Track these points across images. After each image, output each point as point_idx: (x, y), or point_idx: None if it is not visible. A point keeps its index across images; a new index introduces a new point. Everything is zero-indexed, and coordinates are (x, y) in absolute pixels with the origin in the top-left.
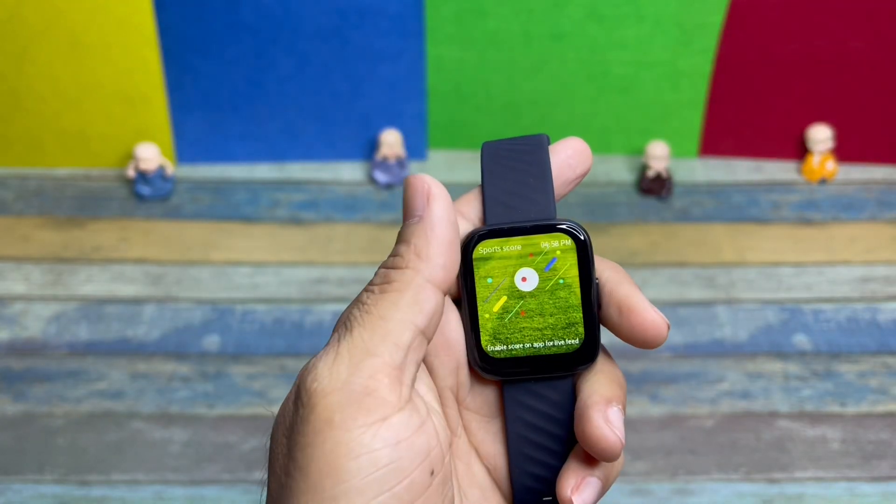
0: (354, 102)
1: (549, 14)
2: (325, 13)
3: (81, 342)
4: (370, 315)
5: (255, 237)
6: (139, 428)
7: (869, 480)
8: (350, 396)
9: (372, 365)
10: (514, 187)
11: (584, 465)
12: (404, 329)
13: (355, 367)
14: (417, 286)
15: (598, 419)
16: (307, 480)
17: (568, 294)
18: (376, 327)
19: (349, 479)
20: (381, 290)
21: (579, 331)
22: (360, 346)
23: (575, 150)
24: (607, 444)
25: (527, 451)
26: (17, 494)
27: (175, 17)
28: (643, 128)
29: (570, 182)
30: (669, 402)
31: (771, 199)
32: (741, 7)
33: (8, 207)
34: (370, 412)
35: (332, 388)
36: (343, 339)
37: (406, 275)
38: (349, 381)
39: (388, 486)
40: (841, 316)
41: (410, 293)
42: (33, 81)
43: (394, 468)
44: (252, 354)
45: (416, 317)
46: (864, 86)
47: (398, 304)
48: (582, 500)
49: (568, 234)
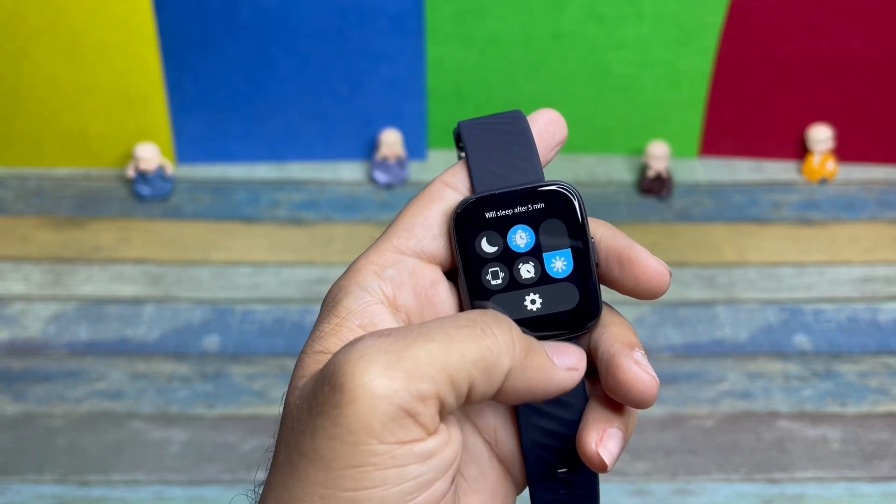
0: (354, 102)
1: (549, 14)
2: (325, 13)
3: (81, 342)
4: (439, 333)
5: (254, 237)
6: (139, 428)
7: (869, 480)
8: (397, 411)
9: (424, 390)
10: (500, 156)
11: (603, 418)
12: (463, 382)
13: (409, 383)
14: (499, 363)
15: (629, 364)
16: (327, 473)
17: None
18: (438, 353)
19: (373, 487)
20: (470, 321)
21: (579, 289)
22: (420, 360)
23: (550, 117)
24: (644, 387)
25: (535, 422)
26: (17, 495)
27: (175, 17)
28: (643, 128)
29: (552, 148)
30: (669, 402)
31: (771, 199)
32: (741, 7)
33: (8, 207)
34: (409, 432)
35: (382, 394)
36: (411, 335)
37: (502, 343)
38: (400, 394)
39: (411, 497)
40: (841, 316)
41: (490, 359)
42: (33, 81)
43: (420, 482)
44: (252, 354)
45: (479, 382)
46: (864, 86)
47: (472, 354)
48: (608, 451)
49: (560, 194)
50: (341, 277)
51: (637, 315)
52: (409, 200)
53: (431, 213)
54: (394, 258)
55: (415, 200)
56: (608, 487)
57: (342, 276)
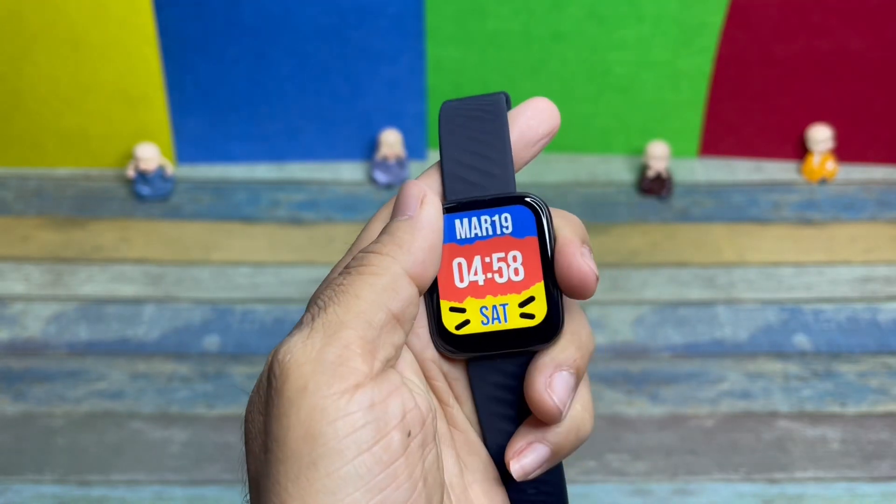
0: (354, 102)
1: (549, 14)
2: (325, 13)
3: (81, 342)
4: (345, 294)
5: (255, 237)
6: (139, 428)
7: (869, 480)
8: (324, 365)
9: (346, 336)
10: (473, 160)
11: (532, 431)
12: (377, 310)
13: (329, 339)
14: (395, 274)
15: (539, 384)
16: (285, 449)
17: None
18: (350, 304)
19: (327, 442)
20: (357, 272)
21: (540, 306)
22: (333, 321)
23: (536, 109)
24: (544, 409)
25: (497, 425)
26: (17, 495)
27: (175, 17)
28: (643, 128)
29: (534, 143)
30: (669, 402)
31: (771, 199)
32: (741, 7)
33: (8, 207)
34: (344, 379)
35: (306, 359)
36: (317, 315)
37: (385, 261)
38: (323, 351)
39: (366, 446)
40: (841, 316)
41: (387, 278)
42: (33, 81)
43: (370, 428)
44: (252, 354)
45: (390, 301)
46: (864, 86)
47: (374, 286)
48: (521, 465)
49: (526, 207)
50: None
51: (637, 315)
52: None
53: None
54: None
55: (387, 206)
56: (607, 487)
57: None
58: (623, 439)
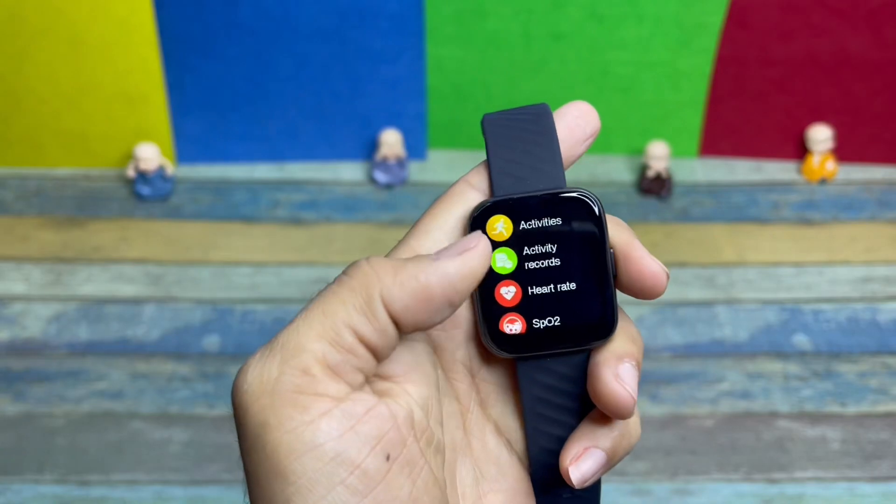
0: (354, 102)
1: (549, 14)
2: (324, 13)
3: (81, 342)
4: (315, 309)
5: (255, 237)
6: (139, 428)
7: (869, 480)
8: (282, 396)
9: (303, 361)
10: (521, 157)
11: (589, 436)
12: (344, 331)
13: (286, 365)
14: (371, 297)
15: (607, 376)
16: (259, 487)
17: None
18: (315, 322)
19: (297, 480)
20: (337, 283)
21: (595, 302)
22: (293, 341)
23: (581, 111)
24: (617, 400)
25: (543, 428)
26: (17, 494)
27: (175, 17)
28: (643, 128)
29: (581, 142)
30: (669, 402)
31: (771, 199)
32: (741, 7)
33: (8, 207)
34: (306, 410)
35: (262, 391)
36: (281, 332)
37: (366, 277)
38: (279, 381)
39: (338, 479)
40: (841, 316)
41: (361, 299)
42: (33, 81)
43: (341, 460)
44: (252, 354)
45: (360, 325)
46: (864, 86)
47: (346, 304)
48: (580, 471)
49: (580, 202)
50: None
51: (637, 315)
52: (434, 201)
53: (451, 216)
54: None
55: (438, 201)
56: (607, 488)
57: None
58: None
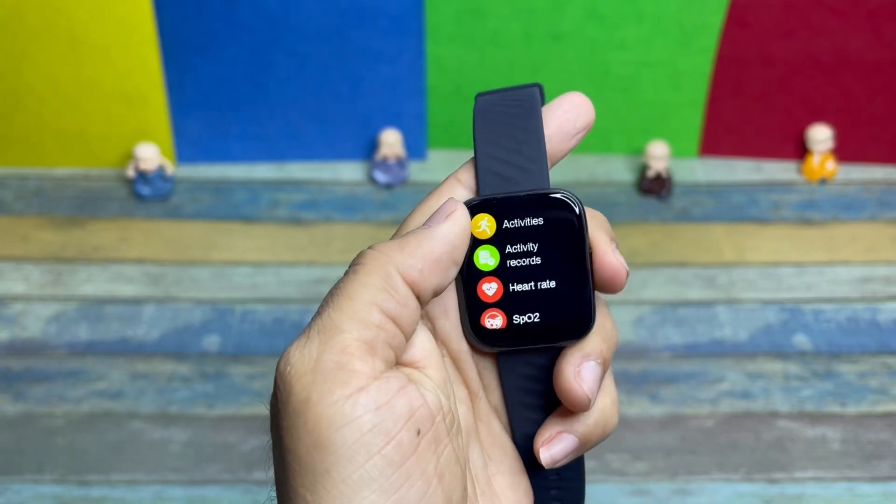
0: (354, 102)
1: (549, 14)
2: (324, 13)
3: (81, 342)
4: (339, 296)
5: (255, 237)
6: (139, 428)
7: (869, 480)
8: (324, 373)
9: (342, 341)
10: (507, 156)
11: (562, 421)
12: (371, 309)
13: (325, 345)
14: (387, 273)
15: (568, 373)
16: (299, 462)
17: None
18: (344, 306)
19: (337, 450)
20: (352, 272)
21: (574, 300)
22: (328, 325)
23: (573, 104)
24: (573, 397)
25: (525, 415)
26: (17, 494)
27: (175, 17)
28: (643, 128)
29: (572, 136)
30: (669, 402)
31: (771, 199)
32: (741, 7)
33: (8, 207)
34: (345, 384)
35: (305, 369)
36: (314, 321)
37: (379, 259)
38: (321, 359)
39: (376, 449)
40: (841, 316)
41: (379, 277)
42: (33, 81)
43: (378, 430)
44: (252, 354)
45: (384, 301)
46: (864, 86)
47: (367, 285)
48: (549, 453)
49: (562, 204)
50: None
51: (637, 315)
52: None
53: None
54: None
55: (428, 197)
56: (607, 487)
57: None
58: (623, 439)
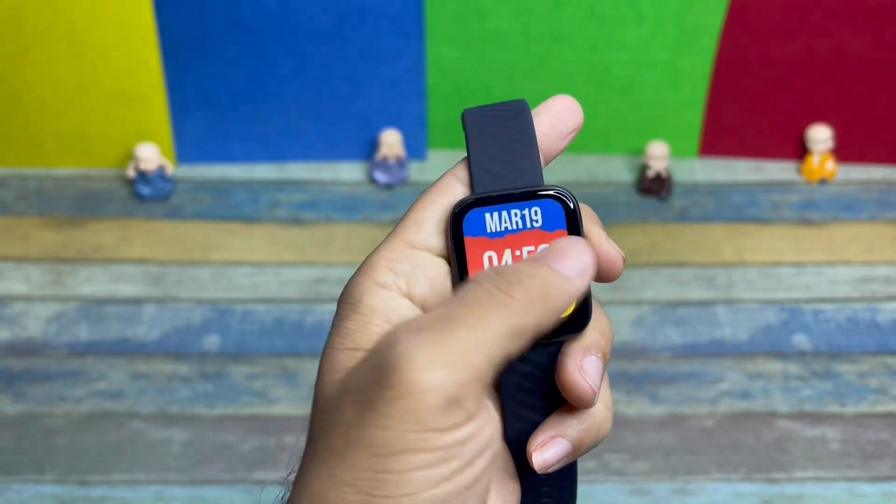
0: (354, 102)
1: (549, 14)
2: (325, 13)
3: (81, 342)
4: (473, 314)
5: (255, 237)
6: (139, 428)
7: (869, 480)
8: (444, 401)
9: (467, 377)
10: (500, 154)
11: (557, 425)
12: (500, 352)
13: (453, 371)
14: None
15: (572, 367)
16: (377, 458)
17: None
18: (479, 335)
19: (420, 468)
20: (505, 291)
21: None
22: (458, 350)
23: (565, 105)
24: (579, 392)
25: (521, 414)
26: (17, 494)
27: (175, 17)
28: (643, 128)
29: (563, 137)
30: (669, 402)
31: (771, 199)
32: (741, 7)
33: (8, 207)
34: (454, 418)
35: (429, 387)
36: (444, 327)
37: (511, 306)
38: (445, 385)
39: (454, 476)
40: (841, 316)
41: (520, 324)
42: (33, 81)
43: (463, 461)
44: (252, 354)
45: (512, 348)
46: (864, 86)
47: (504, 321)
48: (542, 457)
49: (557, 200)
50: (357, 274)
51: (637, 315)
52: (420, 194)
53: (441, 208)
54: (405, 253)
55: (425, 194)
56: (607, 487)
57: (357, 273)
58: (623, 439)
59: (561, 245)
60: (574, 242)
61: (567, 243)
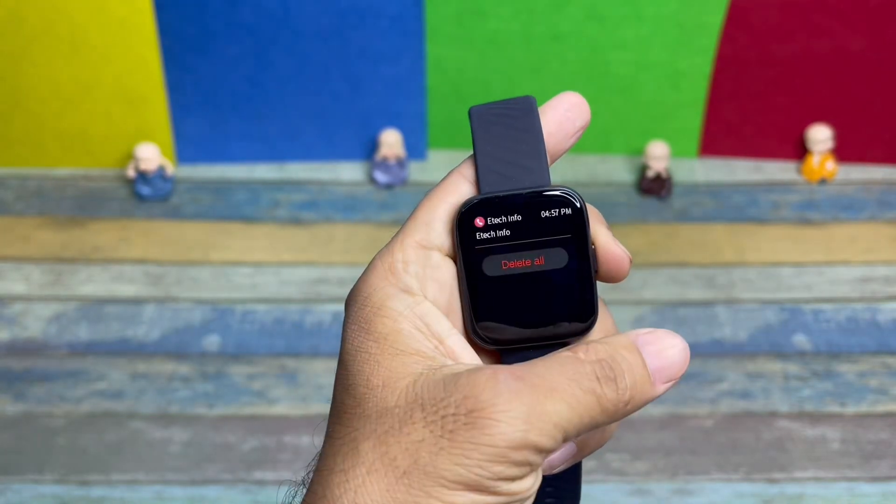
0: (354, 102)
1: (549, 14)
2: (325, 13)
3: (81, 342)
4: (569, 393)
5: (255, 237)
6: (139, 428)
7: (869, 480)
8: (518, 458)
9: (545, 444)
10: (507, 154)
11: None
12: (577, 429)
13: (539, 437)
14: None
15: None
16: (439, 485)
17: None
18: (571, 417)
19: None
20: (603, 382)
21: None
22: (551, 423)
23: (572, 103)
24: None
25: None
26: (17, 494)
27: (175, 17)
28: (643, 128)
29: (571, 136)
30: (669, 402)
31: (771, 199)
32: (741, 7)
33: (8, 207)
34: (518, 472)
35: (511, 444)
36: (542, 395)
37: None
38: (526, 447)
39: None
40: (841, 316)
41: (606, 415)
42: (33, 81)
43: None
44: (252, 354)
45: (583, 430)
46: (864, 86)
47: (593, 413)
48: (548, 459)
49: (564, 201)
50: (369, 275)
51: (637, 315)
52: (426, 192)
53: (449, 206)
54: (416, 254)
55: (432, 193)
56: (607, 487)
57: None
58: (623, 439)
59: (661, 345)
60: (676, 347)
61: (667, 343)
